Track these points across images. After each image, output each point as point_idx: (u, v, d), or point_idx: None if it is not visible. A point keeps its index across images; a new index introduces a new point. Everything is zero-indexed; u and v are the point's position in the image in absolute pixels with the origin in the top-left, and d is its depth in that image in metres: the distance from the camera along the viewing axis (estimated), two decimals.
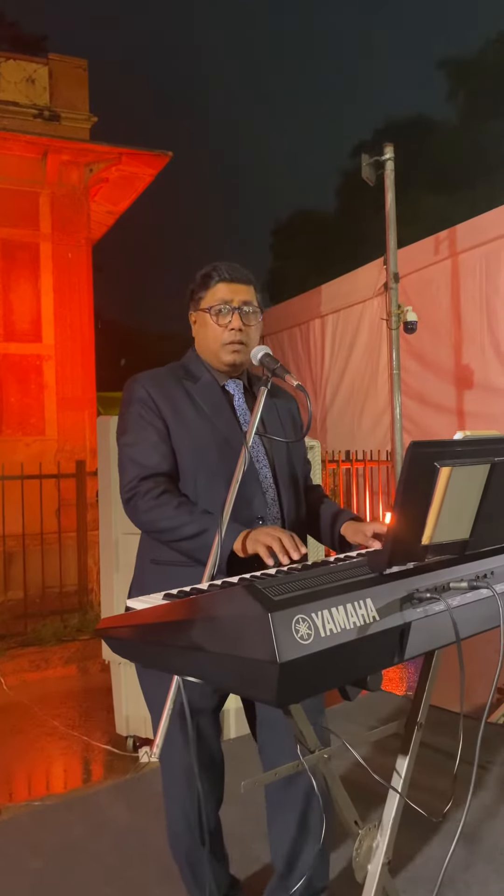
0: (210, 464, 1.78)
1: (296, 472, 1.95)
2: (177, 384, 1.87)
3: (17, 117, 8.42)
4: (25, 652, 5.34)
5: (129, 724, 3.46)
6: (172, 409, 1.82)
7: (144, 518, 1.75)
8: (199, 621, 1.19)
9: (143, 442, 1.80)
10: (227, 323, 1.84)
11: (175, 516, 1.70)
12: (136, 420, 1.82)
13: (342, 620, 1.14)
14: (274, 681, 1.05)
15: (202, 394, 1.86)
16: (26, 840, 2.66)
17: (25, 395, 8.32)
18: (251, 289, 1.88)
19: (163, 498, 1.73)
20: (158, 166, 8.65)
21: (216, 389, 1.89)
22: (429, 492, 1.27)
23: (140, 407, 1.82)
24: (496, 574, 1.47)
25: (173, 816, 1.88)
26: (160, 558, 1.81)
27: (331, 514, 1.95)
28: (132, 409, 1.83)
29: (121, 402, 1.90)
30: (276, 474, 1.88)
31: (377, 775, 1.53)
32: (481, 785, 2.89)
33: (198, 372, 1.90)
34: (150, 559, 1.85)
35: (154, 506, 1.73)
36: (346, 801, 1.61)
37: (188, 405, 1.84)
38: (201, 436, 1.81)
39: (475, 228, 7.08)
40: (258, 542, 1.58)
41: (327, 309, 9.30)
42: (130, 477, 1.78)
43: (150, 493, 1.74)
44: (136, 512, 1.76)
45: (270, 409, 1.95)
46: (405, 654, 1.27)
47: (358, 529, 1.82)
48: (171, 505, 1.72)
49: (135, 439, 1.81)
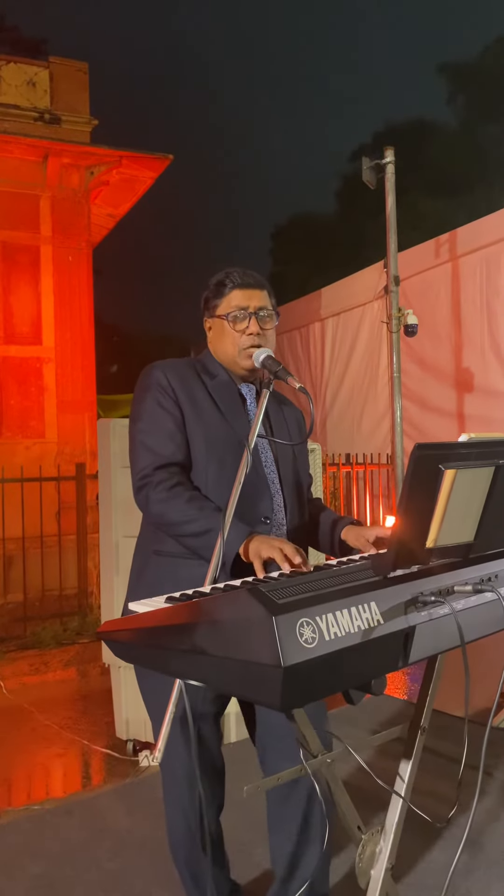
0: (222, 457, 1.78)
1: (300, 479, 1.96)
2: (194, 376, 1.86)
3: (18, 120, 8.42)
4: (25, 655, 5.32)
5: (129, 728, 3.44)
6: (190, 399, 1.81)
7: (155, 509, 1.73)
8: (202, 624, 1.18)
9: (159, 430, 1.78)
10: (244, 328, 1.84)
11: (185, 510, 1.69)
12: (152, 407, 1.80)
13: (346, 624, 1.13)
14: (278, 685, 1.04)
15: (218, 390, 1.86)
16: (26, 845, 2.65)
17: (25, 397, 8.31)
18: (265, 293, 1.89)
19: (175, 490, 1.72)
20: (159, 169, 8.66)
21: (233, 388, 1.89)
22: (433, 494, 1.26)
23: (158, 393, 1.80)
24: (500, 577, 1.46)
25: (174, 821, 1.87)
26: (164, 549, 1.79)
27: (330, 521, 1.95)
28: (149, 395, 1.81)
29: (136, 388, 1.87)
30: (282, 479, 1.88)
31: (380, 780, 1.52)
32: (483, 789, 2.88)
33: (214, 370, 1.90)
34: (153, 550, 1.83)
35: (166, 497, 1.71)
36: (349, 805, 1.60)
37: (205, 397, 1.83)
38: (216, 429, 1.80)
39: (475, 232, 7.08)
40: (256, 554, 1.58)
41: (327, 312, 9.29)
42: (144, 465, 1.76)
43: (162, 484, 1.72)
44: (148, 502, 1.74)
45: (279, 416, 1.96)
46: (409, 657, 1.26)
47: (359, 534, 1.82)
48: (182, 498, 1.70)
49: (150, 426, 1.79)
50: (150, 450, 1.77)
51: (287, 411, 2.01)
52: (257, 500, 1.79)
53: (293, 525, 1.87)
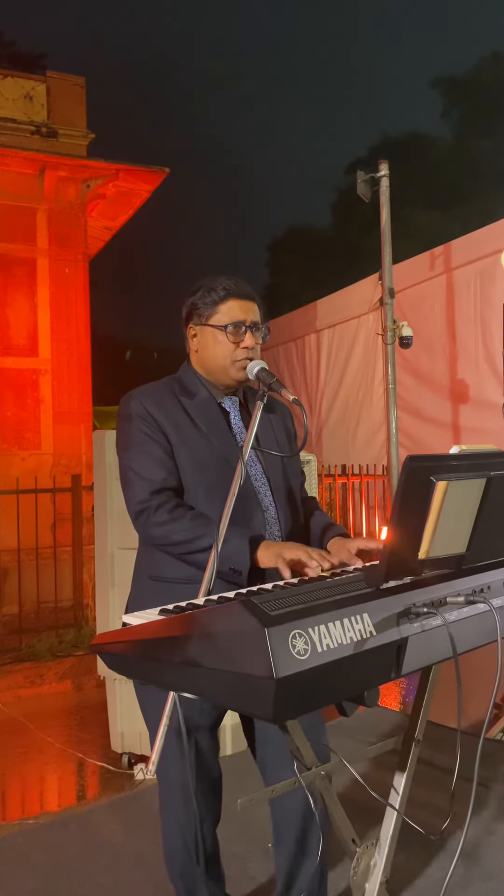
0: (210, 481, 1.77)
1: (292, 486, 1.95)
2: (173, 400, 1.84)
3: (15, 134, 8.47)
4: (20, 667, 5.30)
5: (125, 741, 3.43)
6: (172, 425, 1.80)
7: (158, 532, 1.73)
8: (196, 637, 1.18)
9: (148, 457, 1.77)
10: (239, 341, 1.83)
11: (191, 528, 1.69)
12: (138, 435, 1.79)
13: (339, 635, 1.14)
14: (270, 697, 1.04)
15: (198, 411, 1.85)
16: (20, 859, 2.63)
17: (21, 409, 8.32)
18: (257, 305, 1.88)
19: (178, 511, 1.72)
20: (155, 182, 8.70)
21: (213, 406, 1.88)
22: (425, 506, 1.27)
23: (140, 423, 1.79)
24: (493, 588, 1.47)
25: (170, 834, 1.86)
26: (162, 575, 1.78)
27: (320, 528, 1.94)
28: (132, 426, 1.80)
29: (118, 418, 1.87)
30: (273, 491, 1.87)
31: (375, 792, 1.52)
32: (479, 802, 2.87)
33: (193, 387, 1.88)
34: (149, 576, 1.82)
35: (169, 519, 1.71)
36: (344, 818, 1.60)
37: (186, 422, 1.82)
38: (200, 453, 1.79)
39: (469, 244, 7.13)
40: (280, 558, 1.59)
41: (323, 324, 9.34)
42: (140, 492, 1.75)
43: (163, 507, 1.72)
44: (149, 526, 1.73)
45: (265, 425, 1.94)
46: (402, 669, 1.26)
47: (342, 546, 1.79)
48: (185, 518, 1.71)
49: (139, 454, 1.78)
50: (143, 477, 1.76)
51: (273, 418, 1.99)
52: (250, 518, 1.78)
53: (288, 536, 1.87)
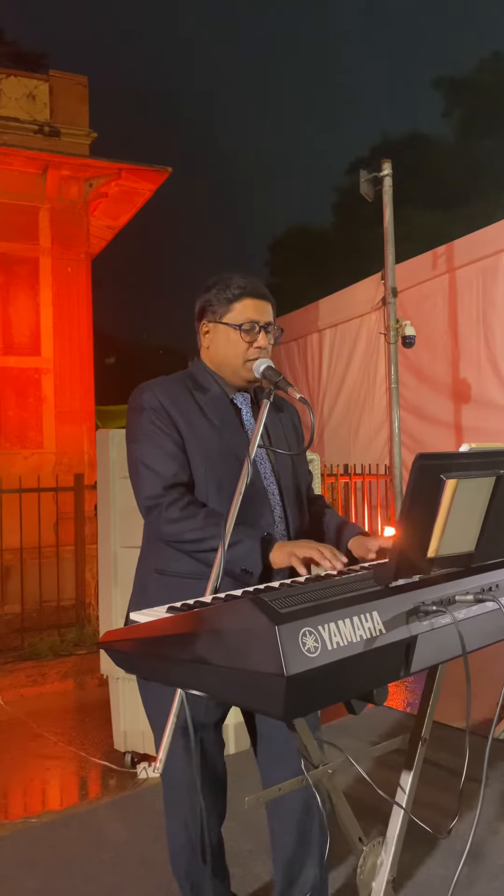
0: (221, 478, 1.77)
1: (300, 485, 1.95)
2: (186, 394, 1.83)
3: (18, 133, 8.48)
4: (22, 666, 5.29)
5: (127, 740, 3.42)
6: (184, 419, 1.79)
7: (170, 529, 1.71)
8: (204, 634, 1.17)
9: (160, 450, 1.75)
10: (253, 340, 1.82)
11: (204, 527, 1.68)
12: (149, 427, 1.77)
13: (349, 633, 1.13)
14: (281, 694, 1.04)
15: (211, 405, 1.84)
16: (23, 858, 2.63)
17: (24, 408, 8.32)
18: (272, 307, 1.88)
19: (190, 509, 1.71)
20: (157, 181, 8.70)
21: (225, 402, 1.87)
22: (435, 504, 1.27)
23: (153, 414, 1.78)
24: (502, 587, 1.46)
25: (174, 832, 1.86)
26: (167, 569, 1.78)
27: (335, 527, 1.94)
28: (144, 417, 1.78)
29: (129, 410, 1.85)
30: (281, 490, 1.87)
31: (381, 791, 1.51)
32: (486, 801, 2.86)
33: (206, 383, 1.88)
34: (155, 569, 1.81)
35: (182, 516, 1.70)
36: (351, 816, 1.60)
37: (198, 416, 1.81)
38: (212, 448, 1.79)
39: (472, 244, 7.13)
40: (295, 556, 1.60)
41: (325, 323, 9.33)
42: (151, 486, 1.74)
43: (175, 504, 1.71)
44: (161, 521, 1.72)
45: (275, 424, 1.95)
46: (411, 667, 1.26)
47: (362, 544, 1.81)
48: (199, 516, 1.70)
49: (150, 447, 1.76)
50: (154, 471, 1.74)
51: (283, 418, 2.00)
52: (259, 517, 1.78)
53: (296, 534, 1.87)
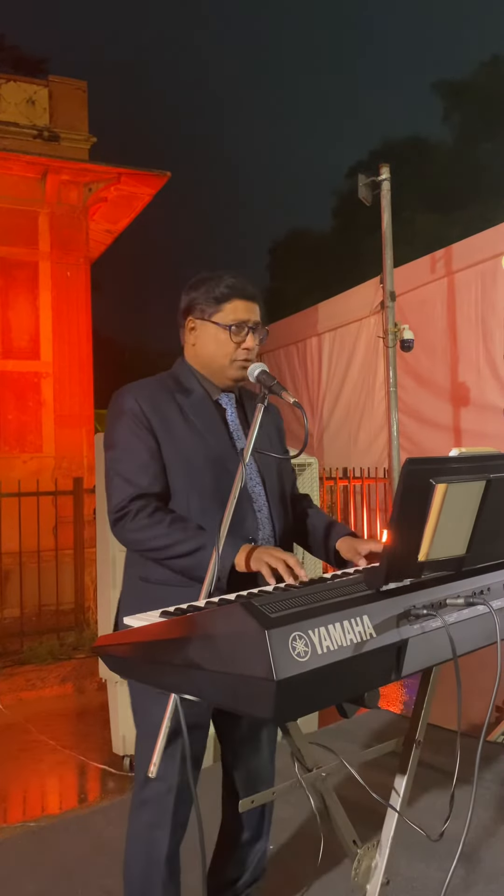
0: (203, 484, 1.76)
1: (285, 487, 1.95)
2: (168, 397, 1.82)
3: (17, 138, 8.51)
4: (21, 670, 5.30)
5: (126, 744, 3.43)
6: (163, 425, 1.77)
7: (134, 537, 1.72)
8: (197, 639, 1.19)
9: (135, 459, 1.75)
10: (241, 341, 1.82)
11: (168, 534, 1.68)
12: (126, 435, 1.77)
13: (339, 637, 1.15)
14: (271, 698, 1.05)
15: (194, 408, 1.83)
16: (22, 862, 2.63)
17: (23, 412, 8.33)
18: (258, 307, 1.87)
19: (156, 516, 1.70)
20: (157, 186, 8.72)
21: (208, 404, 1.86)
22: (425, 508, 1.28)
23: (132, 420, 1.77)
24: (493, 590, 1.47)
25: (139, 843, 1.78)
26: (150, 577, 1.76)
27: (323, 527, 1.93)
28: (123, 423, 1.78)
29: (108, 413, 1.84)
30: (267, 492, 1.86)
31: (375, 794, 1.52)
32: (482, 804, 2.86)
33: (189, 384, 1.86)
34: (139, 576, 1.80)
35: (146, 524, 1.69)
36: (345, 819, 1.61)
37: (180, 420, 1.80)
38: (194, 454, 1.77)
39: (470, 248, 7.14)
40: (262, 562, 1.58)
41: (324, 327, 9.34)
42: (121, 496, 1.73)
43: (142, 512, 1.70)
44: (125, 531, 1.72)
45: (262, 426, 1.92)
46: (402, 671, 1.27)
47: (352, 546, 1.81)
48: (163, 523, 1.69)
49: (125, 456, 1.76)
50: (127, 480, 1.74)
51: (267, 420, 1.96)
52: (243, 519, 1.77)
53: (281, 536, 1.86)
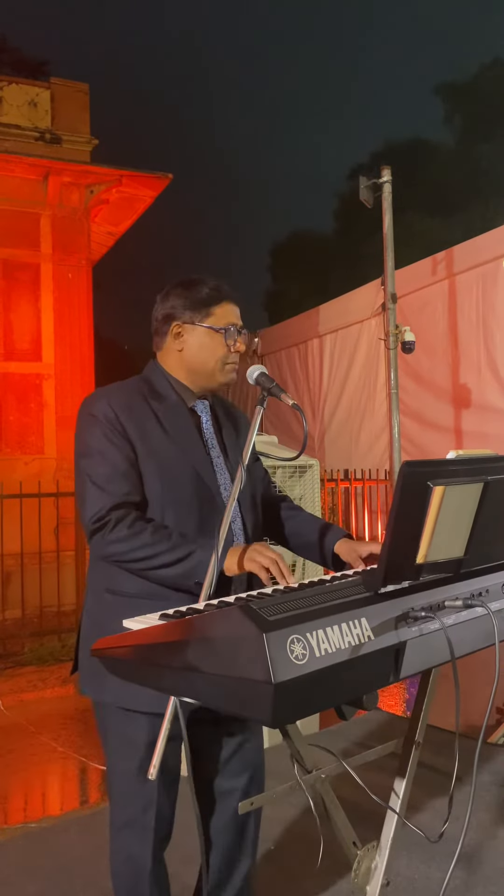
0: (179, 494, 1.72)
1: (256, 493, 1.92)
2: (142, 403, 1.77)
3: (19, 140, 8.54)
4: (23, 671, 5.31)
5: None
6: (139, 432, 1.72)
7: (115, 549, 1.64)
8: (195, 642, 1.19)
9: (111, 467, 1.68)
10: (233, 343, 1.81)
11: (153, 544, 1.62)
12: (101, 441, 1.70)
13: (337, 640, 1.15)
14: (269, 701, 1.05)
15: (168, 415, 1.78)
16: (23, 863, 2.64)
17: (25, 413, 8.35)
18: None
19: (136, 525, 1.64)
20: (158, 188, 8.74)
21: (183, 411, 1.82)
22: (422, 511, 1.28)
23: (106, 427, 1.70)
24: (491, 592, 1.48)
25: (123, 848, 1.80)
26: (117, 589, 1.70)
27: (317, 530, 1.91)
28: (97, 429, 1.71)
29: (79, 419, 1.76)
30: (240, 500, 1.81)
31: (375, 795, 1.52)
32: (482, 806, 2.87)
33: (163, 390, 1.82)
34: (106, 589, 1.73)
35: (127, 535, 1.63)
36: (345, 821, 1.61)
37: (155, 427, 1.75)
38: (170, 464, 1.73)
39: (472, 250, 7.15)
40: (254, 562, 1.57)
41: (325, 329, 9.35)
42: (98, 506, 1.65)
43: (121, 523, 1.64)
44: (105, 543, 1.65)
45: (229, 431, 1.91)
46: (401, 673, 1.27)
47: (352, 549, 1.80)
48: (145, 532, 1.63)
49: (101, 463, 1.69)
50: (103, 489, 1.66)
51: (233, 422, 1.95)
52: (217, 526, 1.67)
53: (254, 540, 1.83)
